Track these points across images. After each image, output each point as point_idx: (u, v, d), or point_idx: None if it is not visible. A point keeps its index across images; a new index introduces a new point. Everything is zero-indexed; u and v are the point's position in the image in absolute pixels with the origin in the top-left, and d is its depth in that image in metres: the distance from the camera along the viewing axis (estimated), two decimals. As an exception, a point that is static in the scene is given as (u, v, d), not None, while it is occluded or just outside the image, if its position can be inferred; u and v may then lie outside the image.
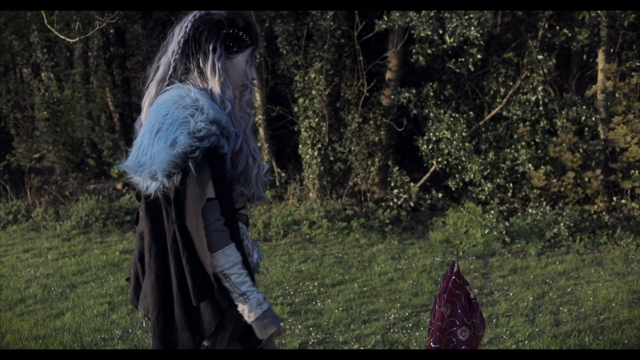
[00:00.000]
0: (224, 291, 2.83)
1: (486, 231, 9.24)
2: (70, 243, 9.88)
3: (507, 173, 10.24)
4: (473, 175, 10.13)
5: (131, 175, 2.87)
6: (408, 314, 6.64)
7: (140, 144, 2.83)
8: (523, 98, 10.17)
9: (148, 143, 2.77)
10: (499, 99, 10.57)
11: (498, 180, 10.18)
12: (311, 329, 6.30)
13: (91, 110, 14.55)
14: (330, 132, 11.00)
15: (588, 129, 10.22)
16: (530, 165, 9.88)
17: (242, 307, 2.83)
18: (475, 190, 10.31)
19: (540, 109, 10.18)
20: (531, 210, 9.86)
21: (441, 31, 9.71)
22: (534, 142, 10.23)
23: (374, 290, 7.44)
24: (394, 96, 10.78)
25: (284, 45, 10.71)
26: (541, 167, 9.88)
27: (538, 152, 10.03)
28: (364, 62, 10.85)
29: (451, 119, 10.25)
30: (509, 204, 10.15)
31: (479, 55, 10.09)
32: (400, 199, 10.44)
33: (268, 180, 3.11)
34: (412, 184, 10.62)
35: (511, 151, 10.09)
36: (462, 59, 10.23)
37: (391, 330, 6.22)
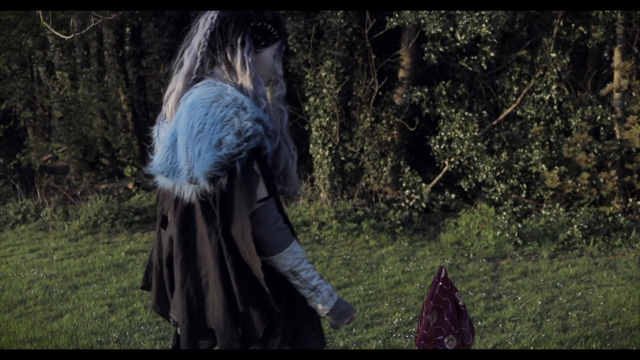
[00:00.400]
0: (277, 294, 2.72)
1: (498, 233, 9.04)
2: (77, 243, 9.79)
3: (521, 174, 10.01)
4: (485, 175, 9.91)
5: (160, 177, 2.75)
6: (412, 318, 6.48)
7: (169, 143, 2.69)
8: (537, 97, 9.95)
9: (185, 144, 2.62)
10: (513, 98, 10.35)
11: (511, 181, 9.96)
12: (311, 333, 6.14)
13: (105, 109, 14.47)
14: (341, 132, 10.84)
15: (604, 128, 9.99)
16: (544, 165, 9.65)
17: (315, 302, 2.78)
18: (488, 191, 10.09)
19: (555, 108, 9.96)
20: (544, 211, 9.65)
21: (452, 28, 9.50)
22: (549, 142, 10.00)
23: (380, 294, 7.28)
24: (405, 95, 10.59)
25: (294, 44, 10.55)
26: (555, 168, 9.65)
27: (552, 153, 9.81)
28: (375, 61, 10.68)
29: (463, 118, 10.05)
30: (522, 205, 9.92)
31: (492, 54, 9.86)
32: (412, 200, 10.25)
33: None
34: (424, 184, 10.42)
35: (524, 151, 9.86)
36: (475, 57, 10.02)
37: (393, 335, 6.06)
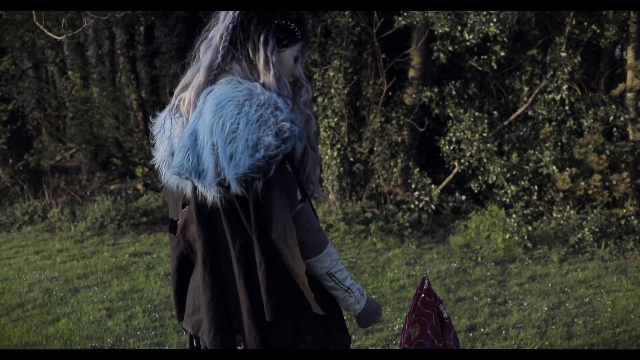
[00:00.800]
0: (321, 300, 2.66)
1: (507, 236, 8.86)
2: (82, 245, 9.71)
3: (532, 175, 9.81)
4: (495, 177, 9.71)
5: (175, 178, 2.62)
6: (414, 324, 6.32)
7: (188, 143, 2.50)
8: (548, 97, 9.74)
9: (212, 145, 2.45)
10: (524, 98, 10.14)
11: (522, 183, 9.75)
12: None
13: (112, 109, 14.42)
14: (350, 132, 10.68)
15: (617, 129, 9.77)
16: (555, 167, 9.42)
17: (347, 302, 2.74)
18: (499, 192, 9.88)
19: (567, 108, 9.74)
20: (555, 214, 9.45)
21: (460, 28, 9.31)
22: (560, 143, 9.79)
23: (383, 298, 7.13)
24: (415, 95, 10.42)
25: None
26: (566, 169, 9.44)
27: (563, 154, 9.59)
28: (384, 60, 10.52)
29: (472, 118, 9.86)
30: (534, 207, 9.71)
31: (502, 53, 9.67)
32: (422, 202, 10.08)
33: None
34: (434, 186, 10.23)
35: (535, 152, 9.65)
36: (485, 57, 9.82)
37: (393, 342, 5.92)
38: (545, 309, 6.64)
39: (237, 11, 2.63)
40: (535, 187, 9.81)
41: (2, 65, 10.80)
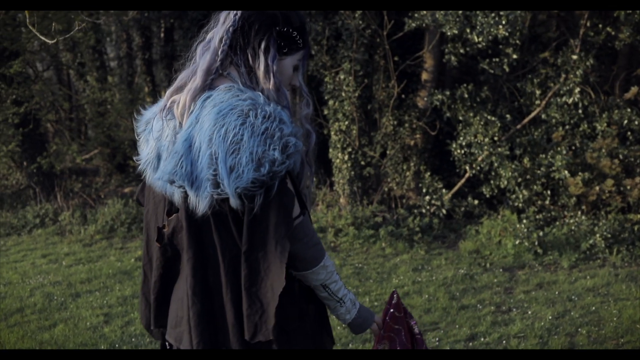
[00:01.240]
0: (312, 313, 2.67)
1: (517, 241, 8.69)
2: (90, 249, 9.67)
3: (544, 180, 9.62)
4: (507, 182, 9.53)
5: (174, 185, 2.46)
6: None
7: (182, 150, 2.40)
8: (561, 101, 9.55)
9: (212, 154, 2.34)
10: (537, 102, 9.96)
11: (535, 187, 9.57)
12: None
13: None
14: (361, 136, 10.57)
15: (631, 133, 9.56)
16: (567, 171, 9.22)
17: (338, 312, 2.72)
18: (511, 197, 9.71)
19: (580, 112, 9.55)
20: (567, 219, 9.27)
21: (469, 30, 9.15)
22: (573, 147, 9.60)
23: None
24: (427, 98, 10.29)
25: (312, 46, 10.31)
26: (579, 174, 9.25)
27: (575, 158, 9.39)
28: (395, 63, 10.40)
29: (482, 122, 9.69)
30: (546, 212, 9.53)
31: (514, 55, 9.50)
32: (433, 207, 9.93)
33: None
34: (445, 190, 10.08)
35: (547, 157, 9.47)
36: (497, 59, 9.66)
37: (390, 351, 5.79)
38: (550, 317, 6.49)
39: (238, 14, 2.53)
40: (548, 192, 9.62)
41: (13, 68, 10.79)
